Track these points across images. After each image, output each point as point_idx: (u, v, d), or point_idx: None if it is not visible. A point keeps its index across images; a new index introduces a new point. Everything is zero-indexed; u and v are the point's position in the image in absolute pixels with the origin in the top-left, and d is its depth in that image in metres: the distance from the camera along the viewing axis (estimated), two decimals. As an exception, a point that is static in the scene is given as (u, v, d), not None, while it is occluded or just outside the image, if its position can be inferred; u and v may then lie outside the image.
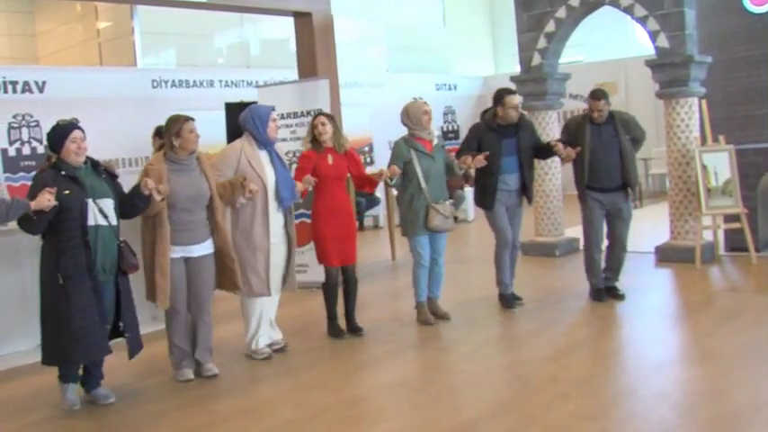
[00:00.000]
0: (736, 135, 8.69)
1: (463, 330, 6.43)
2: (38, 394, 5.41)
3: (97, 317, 4.77)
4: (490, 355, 5.72)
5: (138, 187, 4.98)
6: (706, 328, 6.14)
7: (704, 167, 8.39)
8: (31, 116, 11.26)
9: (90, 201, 4.77)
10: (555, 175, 9.78)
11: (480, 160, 6.45)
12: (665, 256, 8.75)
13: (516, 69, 10.38)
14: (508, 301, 7.01)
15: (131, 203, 5.04)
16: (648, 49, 9.06)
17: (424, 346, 6.13)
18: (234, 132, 5.14)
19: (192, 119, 5.39)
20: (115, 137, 11.03)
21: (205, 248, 5.44)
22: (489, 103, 7.14)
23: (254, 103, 9.42)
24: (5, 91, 11.17)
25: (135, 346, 5.08)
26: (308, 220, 6.92)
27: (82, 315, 4.70)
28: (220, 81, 13.78)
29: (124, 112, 11.65)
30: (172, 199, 5.19)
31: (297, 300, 7.42)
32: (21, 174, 10.98)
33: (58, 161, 4.82)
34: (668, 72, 8.57)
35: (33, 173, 10.49)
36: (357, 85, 14.25)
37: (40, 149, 11.12)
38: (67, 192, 4.69)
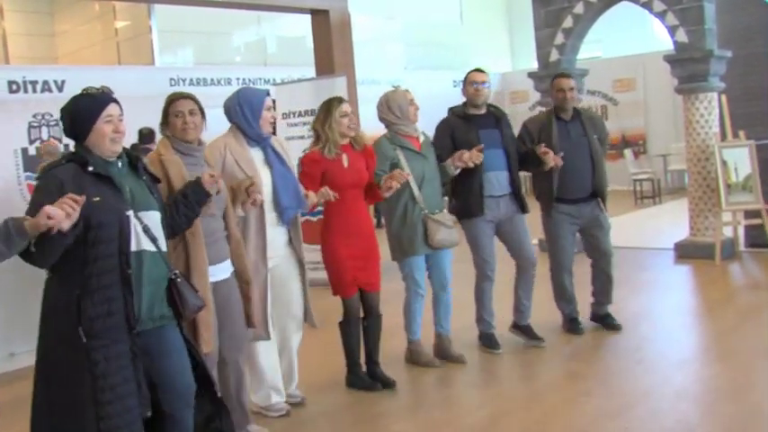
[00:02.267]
0: (756, 130, 8.62)
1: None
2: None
3: (137, 401, 3.05)
4: (509, 352, 5.70)
5: (197, 184, 3.59)
6: (726, 326, 6.10)
7: (724, 163, 8.33)
8: (51, 115, 11.26)
9: (131, 214, 3.09)
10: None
11: (477, 154, 5.17)
12: (685, 252, 8.69)
13: (534, 66, 10.34)
14: (492, 340, 5.69)
15: (187, 209, 3.53)
16: (667, 45, 9.00)
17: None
18: None
19: (186, 96, 3.98)
20: (134, 136, 11.09)
21: (228, 269, 4.07)
22: (507, 100, 7.04)
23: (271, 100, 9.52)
24: (25, 90, 11.30)
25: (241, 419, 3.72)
26: (313, 219, 6.19)
27: (115, 394, 2.97)
28: (238, 79, 13.84)
29: (142, 111, 11.67)
30: None
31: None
32: (41, 173, 11.07)
33: (82, 150, 3.11)
34: (687, 67, 8.51)
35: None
36: (374, 82, 14.22)
37: (60, 148, 11.20)
38: (98, 199, 2.97)
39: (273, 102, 4.80)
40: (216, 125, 4.49)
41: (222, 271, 3.99)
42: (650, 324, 6.32)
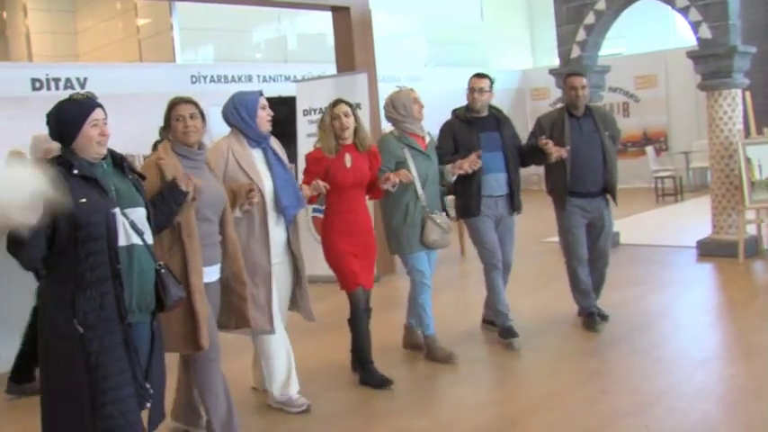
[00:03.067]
0: (780, 127, 8.54)
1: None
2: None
3: (132, 387, 3.18)
4: (529, 349, 5.68)
5: (173, 184, 3.67)
6: (749, 324, 6.04)
7: (748, 160, 8.25)
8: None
9: (118, 211, 3.20)
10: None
11: (475, 161, 5.34)
12: (707, 250, 8.61)
13: (555, 62, 10.30)
14: (509, 332, 5.76)
15: (165, 207, 3.62)
16: (690, 41, 8.94)
17: (466, 343, 6.10)
18: (272, 127, 4.65)
19: (187, 100, 4.11)
20: (155, 133, 11.15)
21: (215, 273, 4.13)
22: (528, 97, 7.00)
23: (291, 97, 9.54)
24: (48, 88, 11.41)
25: (157, 416, 3.51)
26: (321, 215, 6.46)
27: (113, 388, 3.11)
28: (258, 76, 13.90)
29: (164, 108, 11.77)
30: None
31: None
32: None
33: (68, 154, 3.22)
34: (711, 63, 8.43)
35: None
36: (395, 79, 14.21)
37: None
38: (84, 200, 3.10)
39: (275, 100, 4.98)
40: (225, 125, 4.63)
41: (210, 274, 4.05)
42: (671, 322, 6.27)
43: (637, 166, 16.15)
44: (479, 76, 5.76)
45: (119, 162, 3.37)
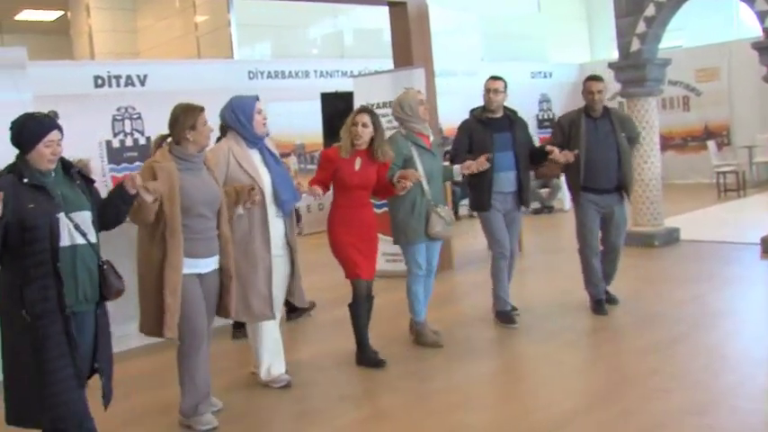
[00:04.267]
0: None
1: (560, 322, 6.34)
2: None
3: (72, 368, 3.66)
4: (587, 346, 5.63)
5: (121, 186, 3.97)
6: (816, 323, 5.90)
7: (814, 155, 8.04)
8: (134, 108, 11.69)
9: (62, 216, 3.62)
10: (654, 163, 9.53)
11: (483, 162, 5.79)
12: (772, 247, 8.43)
13: (612, 55, 10.17)
14: (508, 317, 6.31)
15: (113, 207, 3.97)
16: (755, 31, 8.72)
17: (523, 335, 6.06)
18: (330, 122, 4.87)
19: (204, 108, 4.54)
20: (215, 130, 11.32)
21: (214, 263, 4.57)
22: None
23: (349, 93, 9.56)
24: (110, 85, 11.65)
25: (109, 391, 3.90)
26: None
27: (54, 366, 3.61)
28: (315, 71, 13.98)
29: (222, 104, 11.93)
30: (187, 202, 4.33)
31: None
32: (123, 165, 11.47)
33: (21, 164, 3.67)
34: (777, 55, 8.23)
35: (137, 163, 11.07)
36: (451, 74, 14.18)
37: (142, 141, 11.52)
38: (32, 206, 3.56)
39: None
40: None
41: (210, 264, 4.52)
42: (734, 320, 6.16)
43: (698, 160, 15.86)
44: (495, 78, 6.23)
45: (67, 169, 3.82)
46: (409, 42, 9.08)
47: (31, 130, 3.66)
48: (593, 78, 6.41)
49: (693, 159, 15.96)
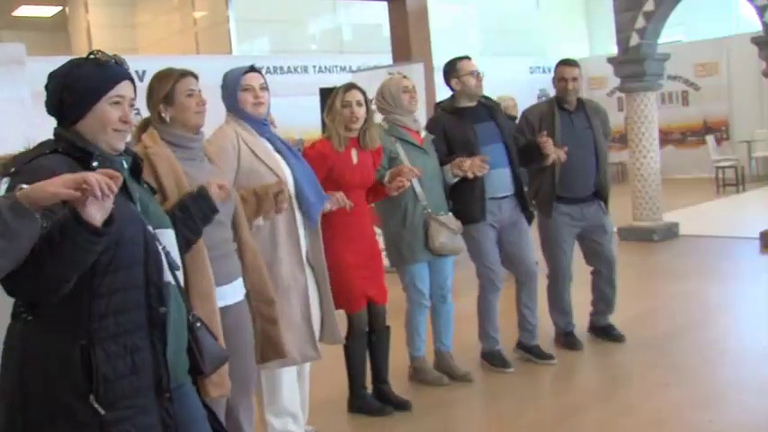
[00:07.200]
0: None
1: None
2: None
3: None
4: (585, 341, 5.63)
5: (200, 195, 2.64)
6: (815, 317, 5.91)
7: (813, 149, 8.04)
8: (132, 105, 11.66)
9: (153, 231, 2.17)
10: (653, 157, 9.53)
11: (481, 165, 4.55)
12: (771, 241, 8.43)
13: (611, 50, 10.16)
14: (496, 358, 5.04)
15: (186, 230, 2.52)
16: (754, 26, 8.72)
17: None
18: None
19: (191, 74, 3.11)
20: (213, 125, 11.32)
21: (240, 289, 3.18)
22: (585, 87, 6.83)
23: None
24: (108, 80, 11.62)
25: None
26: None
27: None
28: (314, 67, 13.96)
29: (220, 100, 11.93)
30: None
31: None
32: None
33: (74, 137, 2.09)
34: (776, 49, 8.22)
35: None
36: (450, 69, 14.18)
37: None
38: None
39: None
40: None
41: (232, 293, 3.10)
42: (734, 315, 6.17)
43: (697, 155, 15.85)
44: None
45: (138, 165, 2.29)
46: (408, 37, 9.10)
47: (88, 78, 2.14)
48: (567, 63, 5.22)
49: (692, 154, 15.95)
